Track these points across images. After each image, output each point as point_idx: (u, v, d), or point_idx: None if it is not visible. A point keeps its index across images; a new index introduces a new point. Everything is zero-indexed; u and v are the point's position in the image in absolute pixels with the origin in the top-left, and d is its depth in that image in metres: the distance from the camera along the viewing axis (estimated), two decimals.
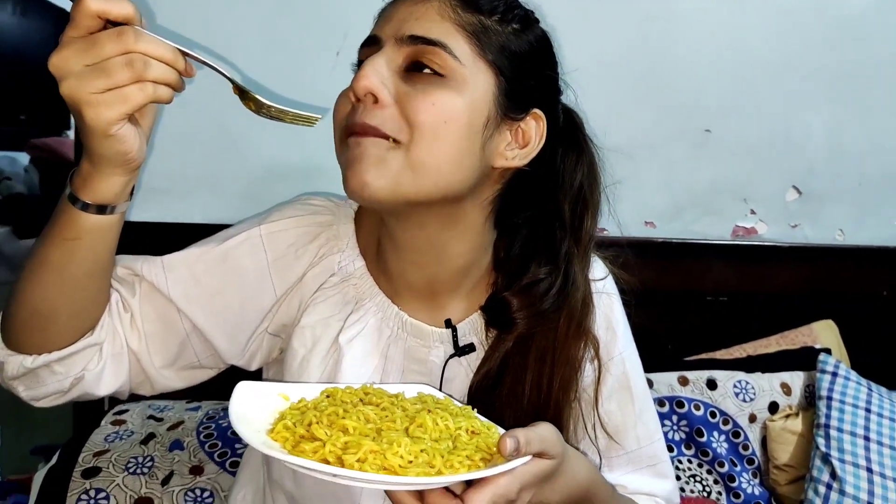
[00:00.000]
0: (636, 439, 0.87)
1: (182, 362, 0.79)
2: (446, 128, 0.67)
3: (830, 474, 1.26)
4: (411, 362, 0.80)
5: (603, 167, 0.86)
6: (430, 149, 0.67)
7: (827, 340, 1.51)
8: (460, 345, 0.80)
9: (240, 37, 1.39)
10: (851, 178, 1.58)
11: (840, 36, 1.52)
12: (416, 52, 0.67)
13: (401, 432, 0.60)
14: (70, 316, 0.69)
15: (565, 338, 0.78)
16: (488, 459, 0.60)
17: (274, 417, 0.63)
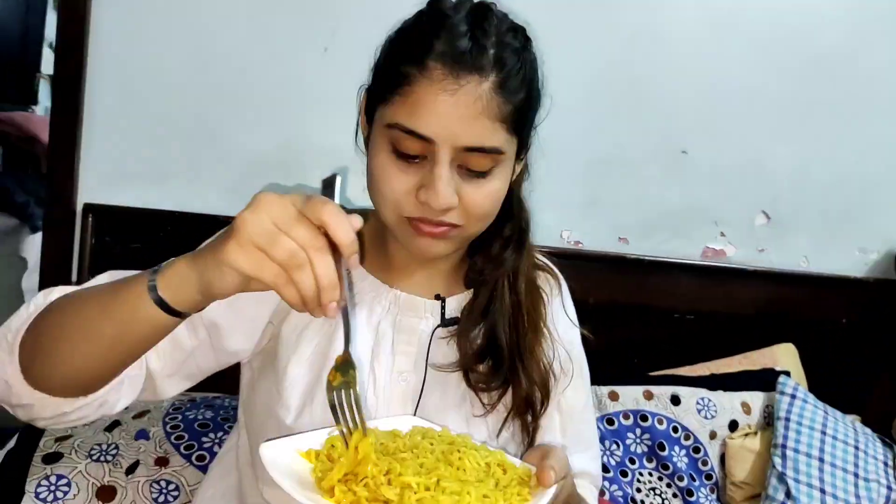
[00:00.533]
0: (584, 422, 0.98)
1: (184, 372, 0.82)
2: (494, 206, 0.80)
3: (786, 493, 1.29)
4: (401, 333, 0.86)
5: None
6: (482, 224, 0.81)
7: (787, 363, 1.55)
8: (448, 318, 0.88)
9: (228, 32, 1.38)
10: (816, 207, 1.64)
11: (811, 72, 1.58)
12: (471, 158, 0.75)
13: (455, 480, 0.63)
14: (114, 374, 0.71)
15: (524, 272, 0.89)
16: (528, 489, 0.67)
17: (307, 477, 0.64)
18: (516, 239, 0.89)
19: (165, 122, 1.39)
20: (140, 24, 1.36)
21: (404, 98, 0.73)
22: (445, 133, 0.72)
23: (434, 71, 0.72)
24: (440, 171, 0.73)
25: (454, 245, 0.81)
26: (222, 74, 1.39)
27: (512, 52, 0.75)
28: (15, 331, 0.69)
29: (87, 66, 1.35)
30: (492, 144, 0.74)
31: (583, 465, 0.95)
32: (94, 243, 1.37)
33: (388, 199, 0.77)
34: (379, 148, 0.77)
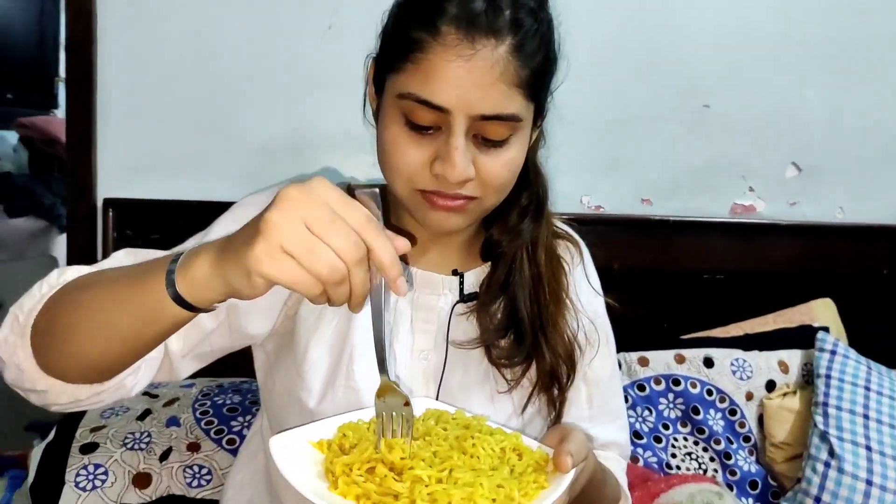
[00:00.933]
0: (611, 393, 0.95)
1: (197, 352, 0.79)
2: (512, 175, 0.76)
3: (829, 452, 1.26)
4: (419, 311, 0.84)
5: None
6: (499, 195, 0.78)
7: (825, 319, 1.50)
8: (466, 293, 0.85)
9: (232, 20, 1.37)
10: (851, 155, 1.57)
11: (838, 10, 1.51)
12: (487, 127, 0.71)
13: (468, 470, 0.61)
14: (131, 361, 0.68)
15: (543, 241, 0.86)
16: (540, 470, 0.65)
17: (317, 467, 0.63)
18: (534, 208, 0.86)
19: (177, 113, 1.40)
20: (145, 18, 1.36)
21: (416, 66, 0.70)
22: (461, 102, 0.69)
23: (447, 36, 0.68)
24: (456, 141, 0.70)
25: (471, 218, 0.78)
26: (229, 63, 1.39)
27: (528, 12, 0.71)
28: (27, 312, 0.66)
29: (98, 64, 1.37)
30: (509, 112, 0.71)
31: (610, 435, 0.93)
32: (116, 237, 1.39)
33: (400, 173, 0.74)
34: (390, 119, 0.74)
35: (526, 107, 0.73)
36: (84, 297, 0.65)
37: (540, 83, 0.74)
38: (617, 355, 0.98)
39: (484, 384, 0.84)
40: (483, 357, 0.84)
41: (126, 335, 0.63)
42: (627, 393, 1.37)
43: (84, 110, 1.38)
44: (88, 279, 0.68)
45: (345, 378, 0.80)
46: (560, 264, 0.89)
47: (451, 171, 0.70)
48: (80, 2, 1.34)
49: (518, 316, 0.84)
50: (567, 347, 0.86)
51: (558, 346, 0.85)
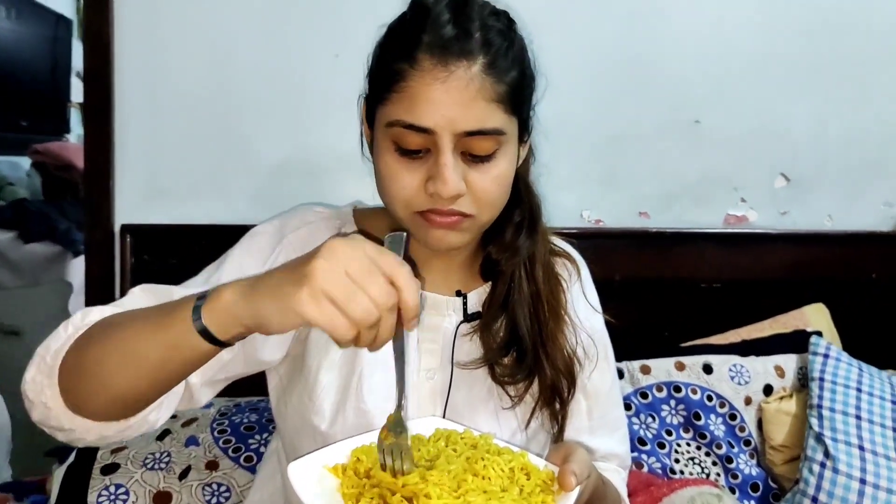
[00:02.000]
0: (611, 404, 0.98)
1: (214, 380, 0.82)
2: (502, 190, 0.80)
3: (824, 453, 1.30)
4: (425, 332, 0.87)
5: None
6: (494, 211, 0.82)
7: (818, 323, 1.55)
8: (469, 312, 0.89)
9: (244, 47, 1.42)
10: (837, 164, 1.63)
11: (820, 28, 1.56)
12: (473, 143, 0.76)
13: (480, 493, 0.64)
14: (156, 398, 0.72)
15: (541, 258, 0.90)
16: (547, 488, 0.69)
17: (335, 494, 0.66)
18: (528, 224, 0.90)
19: (192, 139, 1.44)
20: (160, 46, 1.41)
21: (399, 94, 0.75)
22: (443, 121, 0.73)
23: (424, 62, 0.74)
24: (444, 159, 0.74)
25: (468, 235, 0.82)
26: (242, 89, 1.43)
27: (497, 33, 0.76)
28: (54, 353, 0.69)
29: (115, 92, 1.40)
30: (491, 126, 0.75)
31: (610, 447, 0.96)
32: (134, 262, 1.43)
33: (398, 198, 0.78)
34: (382, 149, 0.78)
35: (508, 121, 0.77)
36: (111, 334, 0.68)
37: (519, 97, 0.78)
38: (619, 364, 1.01)
39: (488, 401, 0.87)
40: (487, 375, 0.87)
41: (153, 369, 0.66)
42: (630, 400, 1.41)
43: (101, 138, 1.41)
44: (114, 318, 0.71)
45: (355, 400, 0.83)
46: (558, 281, 0.92)
47: (443, 187, 0.74)
48: (97, 33, 1.38)
49: (519, 333, 0.87)
50: (567, 362, 0.89)
51: (558, 361, 0.87)
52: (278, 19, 1.43)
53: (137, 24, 1.39)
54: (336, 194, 1.45)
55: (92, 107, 1.42)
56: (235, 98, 1.44)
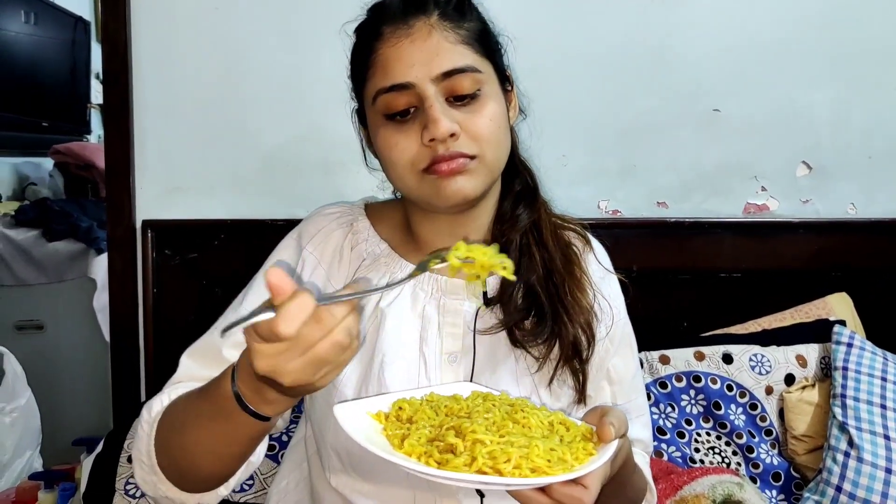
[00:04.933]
0: (635, 390, 0.99)
1: None
2: (499, 128, 0.83)
3: (848, 443, 1.29)
4: (446, 316, 0.89)
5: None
6: (495, 149, 0.83)
7: (841, 312, 1.53)
8: (489, 296, 0.90)
9: (254, 39, 1.44)
10: (860, 152, 1.60)
11: (841, 14, 1.54)
12: (453, 84, 0.80)
13: (522, 436, 0.65)
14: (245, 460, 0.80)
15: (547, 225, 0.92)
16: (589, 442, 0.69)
17: (379, 435, 0.69)
18: (526, 194, 0.92)
19: (209, 135, 1.46)
20: (176, 48, 1.43)
21: (374, 67, 0.81)
22: (418, 70, 0.78)
23: (386, 31, 0.80)
24: (430, 102, 0.78)
25: (479, 179, 0.82)
26: (258, 87, 1.45)
27: None
28: (146, 453, 0.78)
29: (133, 93, 1.43)
30: (464, 63, 0.80)
31: (635, 433, 0.97)
32: (155, 257, 1.45)
33: (400, 163, 0.81)
34: (376, 126, 0.82)
35: (481, 61, 0.82)
36: (177, 432, 0.76)
37: (485, 42, 0.84)
38: (639, 354, 1.01)
39: (513, 375, 0.88)
40: (510, 352, 0.88)
41: (227, 450, 0.74)
42: (650, 390, 1.41)
43: (121, 137, 1.44)
44: (174, 416, 0.78)
45: (377, 386, 0.84)
46: (568, 245, 0.94)
47: (436, 127, 0.77)
48: (116, 36, 1.41)
49: (536, 294, 0.88)
50: (586, 316, 0.90)
51: (578, 315, 0.89)
52: (291, 16, 1.44)
53: (154, 27, 1.42)
54: (350, 187, 1.46)
55: (111, 107, 1.45)
56: (249, 96, 1.46)
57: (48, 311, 2.35)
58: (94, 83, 3.15)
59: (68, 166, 2.72)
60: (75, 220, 2.32)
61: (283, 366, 0.60)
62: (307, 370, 0.60)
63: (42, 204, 2.44)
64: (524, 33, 1.00)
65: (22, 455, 1.97)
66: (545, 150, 1.18)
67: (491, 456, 0.61)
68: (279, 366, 0.60)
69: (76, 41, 3.02)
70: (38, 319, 2.32)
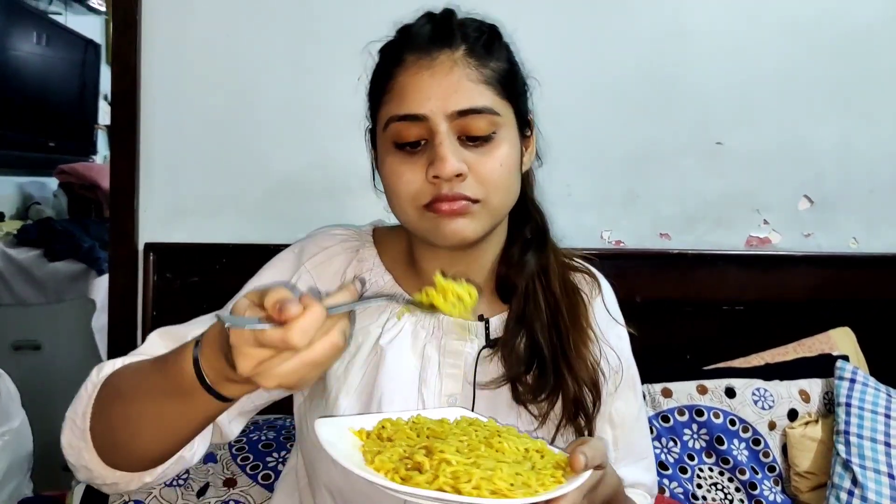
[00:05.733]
0: (637, 433, 0.96)
1: (240, 411, 0.86)
2: (508, 174, 0.81)
3: (852, 481, 1.27)
4: (447, 356, 0.86)
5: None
6: (502, 196, 0.81)
7: (844, 347, 1.52)
8: (492, 337, 0.87)
9: (267, 70, 1.45)
10: (862, 186, 1.61)
11: (845, 48, 1.56)
12: (466, 123, 0.77)
13: (492, 459, 0.65)
14: (185, 444, 0.75)
15: (555, 271, 0.89)
16: (561, 472, 0.67)
17: (355, 451, 0.68)
18: (536, 240, 0.90)
19: (215, 160, 1.46)
20: (185, 71, 1.44)
21: (391, 94, 0.79)
22: (434, 104, 0.76)
23: (408, 59, 0.79)
24: (441, 139, 0.76)
25: (480, 223, 0.80)
26: (265, 109, 1.46)
27: (475, 28, 0.81)
28: (81, 415, 0.73)
29: (140, 115, 1.44)
30: (482, 104, 0.77)
31: (636, 476, 0.94)
32: (157, 280, 1.45)
33: (403, 195, 0.79)
34: (385, 153, 0.81)
35: (500, 104, 0.79)
36: (124, 398, 0.72)
37: (509, 85, 0.81)
38: (641, 387, 0.98)
39: (510, 420, 0.85)
40: (510, 398, 0.85)
41: (174, 427, 0.70)
42: (652, 424, 1.39)
43: (127, 159, 1.44)
44: (122, 379, 0.74)
45: None
46: (577, 292, 0.91)
47: (442, 165, 0.75)
48: (125, 58, 1.42)
49: (539, 347, 0.85)
50: (591, 374, 0.87)
51: (581, 372, 0.85)
52: (300, 43, 1.45)
53: (163, 50, 1.43)
54: (356, 213, 1.46)
55: (118, 129, 1.45)
56: (257, 121, 1.46)
57: (46, 331, 2.34)
58: (102, 104, 3.19)
59: (72, 186, 2.73)
60: (77, 241, 2.32)
61: (273, 369, 0.57)
62: (298, 373, 0.58)
63: (45, 223, 2.44)
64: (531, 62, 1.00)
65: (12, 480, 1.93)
66: (549, 178, 1.18)
67: (454, 476, 0.61)
68: (268, 369, 0.57)
69: (86, 63, 3.06)
70: (35, 339, 2.31)
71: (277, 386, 0.58)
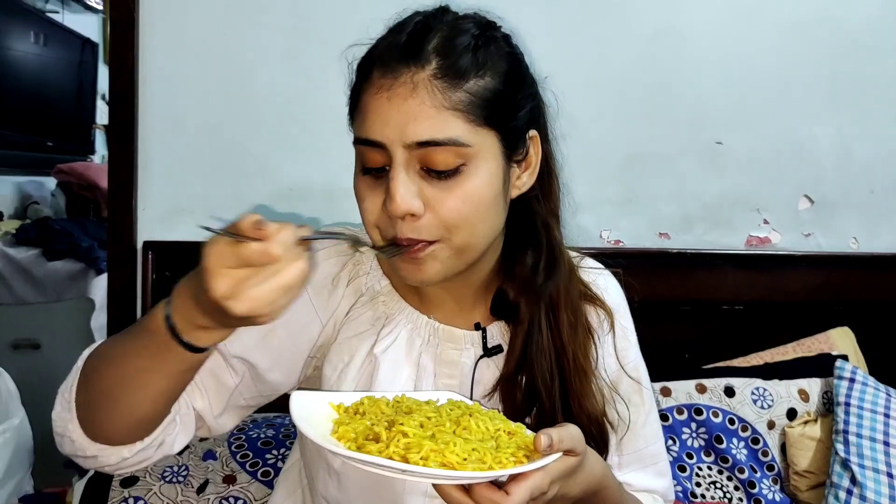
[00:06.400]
0: (644, 439, 0.90)
1: (232, 405, 0.83)
2: (477, 210, 0.71)
3: (850, 480, 1.27)
4: (442, 366, 0.83)
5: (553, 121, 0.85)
6: (469, 233, 0.72)
7: (844, 347, 1.52)
8: (489, 346, 0.83)
9: (266, 70, 1.45)
10: (862, 186, 1.61)
11: (845, 49, 1.57)
12: (427, 154, 0.68)
13: (451, 434, 0.64)
14: (162, 413, 0.73)
15: (567, 305, 0.82)
16: (528, 456, 0.64)
17: (328, 422, 0.68)
18: (546, 264, 0.81)
19: (214, 159, 1.46)
20: (183, 71, 1.43)
21: (358, 112, 0.73)
22: (392, 132, 0.68)
23: (374, 75, 0.70)
24: (393, 172, 0.69)
25: (447, 264, 0.73)
26: (263, 109, 1.45)
27: (465, 35, 0.70)
28: (69, 388, 0.73)
29: (139, 114, 1.43)
30: (445, 136, 0.67)
31: (645, 482, 0.90)
32: (155, 278, 1.44)
33: (369, 224, 0.74)
34: (356, 172, 0.75)
35: (473, 132, 0.69)
36: (106, 360, 0.72)
37: (494, 108, 0.70)
38: (652, 394, 0.93)
39: None
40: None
41: (147, 385, 0.68)
42: None
43: (125, 158, 1.44)
44: (104, 346, 0.74)
45: None
46: (588, 334, 0.83)
47: (391, 203, 0.68)
48: (123, 57, 1.42)
49: (538, 394, 0.79)
50: (598, 423, 0.81)
51: (585, 423, 0.78)
52: (299, 41, 1.45)
53: (162, 49, 1.42)
54: (354, 214, 1.45)
55: (116, 128, 1.45)
56: (255, 120, 1.46)
57: (45, 330, 2.33)
58: (100, 104, 3.18)
59: (71, 186, 2.72)
60: (76, 240, 2.32)
61: (246, 291, 0.56)
62: (269, 297, 0.57)
63: (43, 223, 2.44)
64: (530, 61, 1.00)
65: (13, 477, 1.93)
66: None
67: (406, 447, 0.60)
68: (242, 290, 0.56)
69: (83, 62, 3.05)
70: (34, 339, 2.30)
71: (248, 311, 0.57)
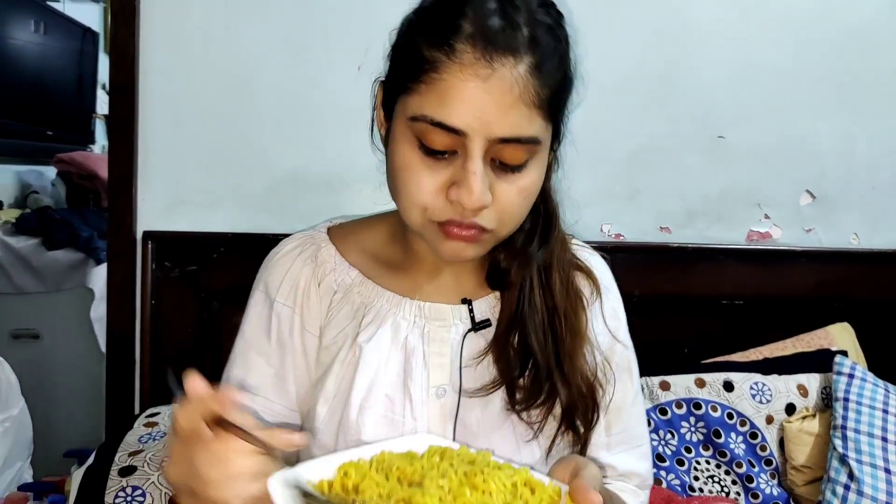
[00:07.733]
0: (631, 418, 0.90)
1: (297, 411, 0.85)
2: (528, 203, 0.74)
3: (848, 475, 1.27)
4: (431, 344, 0.81)
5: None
6: (515, 224, 0.75)
7: (843, 343, 1.52)
8: (477, 321, 0.82)
9: (266, 60, 1.44)
10: (864, 182, 1.61)
11: (849, 44, 1.56)
12: (504, 149, 0.68)
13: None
14: None
15: (559, 268, 0.82)
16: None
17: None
18: (541, 231, 0.82)
19: (214, 149, 1.45)
20: (184, 60, 1.43)
21: (430, 86, 0.67)
22: (478, 124, 0.65)
23: (464, 54, 0.65)
24: (473, 166, 0.67)
25: (485, 249, 0.75)
26: (264, 100, 1.45)
27: (546, 29, 0.68)
28: None
29: (139, 104, 1.43)
30: (529, 134, 0.67)
31: (629, 464, 0.89)
32: (155, 268, 1.44)
33: (414, 201, 0.71)
34: (402, 144, 0.70)
35: (545, 128, 0.70)
36: None
37: (558, 103, 0.71)
38: (640, 380, 0.94)
39: (504, 422, 0.80)
40: (502, 407, 0.80)
41: None
42: (650, 416, 1.39)
43: (125, 148, 1.43)
44: None
45: (355, 431, 0.79)
46: (579, 297, 0.84)
47: (468, 197, 0.67)
48: (124, 47, 1.41)
49: (532, 353, 0.79)
50: (589, 383, 0.82)
51: (578, 381, 0.80)
52: (300, 33, 1.44)
53: (163, 39, 1.42)
54: (354, 206, 1.46)
55: (117, 118, 1.45)
56: (256, 110, 1.46)
57: (45, 320, 2.34)
58: (100, 94, 3.17)
59: (71, 176, 2.72)
60: (76, 230, 2.31)
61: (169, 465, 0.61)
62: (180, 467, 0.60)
63: (43, 212, 2.43)
64: None
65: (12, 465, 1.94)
66: None
67: None
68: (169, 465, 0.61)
69: (84, 52, 3.04)
70: (34, 328, 2.30)
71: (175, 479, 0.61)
